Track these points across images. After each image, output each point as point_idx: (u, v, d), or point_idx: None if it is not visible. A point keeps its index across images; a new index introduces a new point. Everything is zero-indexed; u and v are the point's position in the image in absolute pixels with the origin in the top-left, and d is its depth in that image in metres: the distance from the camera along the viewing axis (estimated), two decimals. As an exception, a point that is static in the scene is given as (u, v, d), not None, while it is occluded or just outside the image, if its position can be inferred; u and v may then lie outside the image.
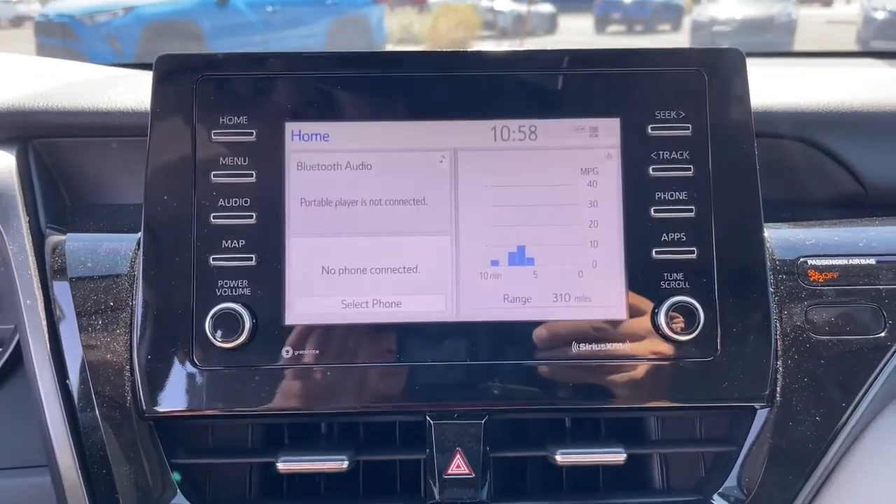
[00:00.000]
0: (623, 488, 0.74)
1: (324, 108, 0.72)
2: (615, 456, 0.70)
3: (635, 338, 0.70)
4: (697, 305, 0.69)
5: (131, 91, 0.83)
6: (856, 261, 0.75)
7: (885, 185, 0.83)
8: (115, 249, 0.74)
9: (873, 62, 1.14)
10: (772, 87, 0.87)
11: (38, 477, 0.73)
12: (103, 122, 0.81)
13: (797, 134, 0.82)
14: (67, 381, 0.71)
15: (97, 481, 0.70)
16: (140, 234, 0.72)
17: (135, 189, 0.79)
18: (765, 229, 0.74)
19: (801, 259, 0.75)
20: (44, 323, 0.72)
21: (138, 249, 0.73)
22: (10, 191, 0.76)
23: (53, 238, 0.76)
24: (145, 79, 0.75)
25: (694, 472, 0.75)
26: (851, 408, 0.72)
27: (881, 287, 0.74)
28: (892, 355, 0.72)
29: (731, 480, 0.71)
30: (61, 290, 0.73)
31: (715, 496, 0.70)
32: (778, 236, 0.76)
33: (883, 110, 0.85)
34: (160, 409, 0.69)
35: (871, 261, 0.75)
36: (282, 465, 0.69)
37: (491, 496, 0.71)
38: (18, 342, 0.78)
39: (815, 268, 0.74)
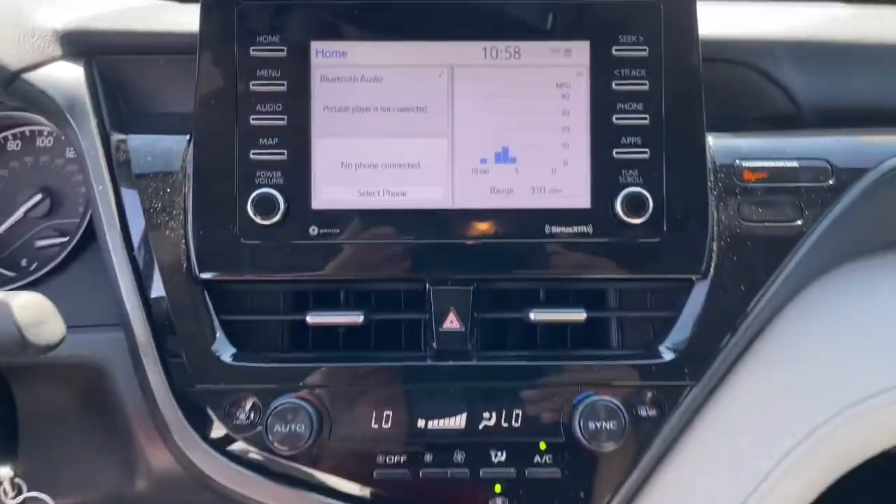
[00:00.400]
0: (586, 346, 0.91)
1: (343, 29, 0.87)
2: (577, 315, 0.87)
3: (597, 222, 0.87)
4: (648, 195, 0.85)
5: (181, 16, 0.97)
6: (782, 163, 0.90)
7: (815, 104, 0.98)
8: (169, 147, 0.89)
9: (833, 4, 1.25)
10: (723, 19, 1.01)
11: (113, 333, 0.89)
12: (157, 41, 0.95)
13: (741, 59, 0.97)
14: (134, 253, 0.87)
15: (161, 335, 0.86)
16: (190, 135, 0.88)
17: (181, 99, 0.93)
18: (708, 137, 0.90)
19: (737, 161, 0.90)
20: (113, 205, 0.88)
21: (189, 147, 0.88)
22: (81, 96, 0.91)
23: (117, 137, 0.91)
24: (193, 7, 0.89)
25: (645, 335, 0.91)
26: (771, 281, 0.88)
27: (801, 185, 0.90)
28: (806, 238, 0.89)
29: (674, 337, 0.88)
30: (126, 179, 0.88)
31: (660, 347, 0.87)
32: (719, 143, 0.91)
33: (818, 40, 1.00)
34: (210, 274, 0.85)
35: (794, 164, 0.90)
36: (310, 319, 0.86)
37: (477, 350, 0.88)
38: (90, 223, 0.94)
39: (749, 169, 0.90)
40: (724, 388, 0.90)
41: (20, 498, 0.80)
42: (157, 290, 0.86)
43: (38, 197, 1.02)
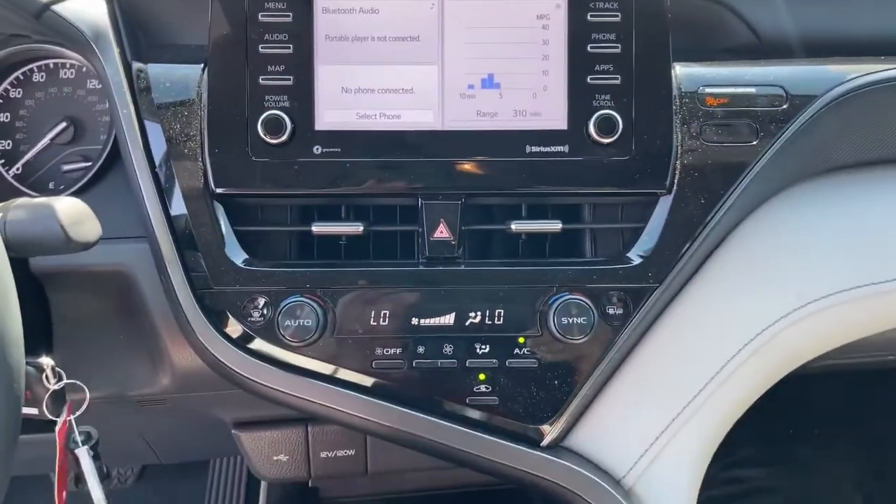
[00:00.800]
0: (563, 256, 1.02)
1: (342, -36, 0.95)
2: (554, 225, 0.97)
3: (573, 142, 0.96)
4: (618, 118, 0.95)
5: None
6: (741, 90, 1.00)
7: (774, 37, 1.07)
8: (186, 74, 0.98)
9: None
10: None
11: (139, 244, 0.99)
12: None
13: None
14: (157, 170, 0.96)
15: (182, 244, 0.96)
16: (205, 63, 0.96)
17: (195, 31, 1.02)
18: (675, 66, 0.99)
19: (701, 88, 0.99)
20: (136, 128, 0.97)
21: (203, 74, 0.97)
22: (105, 28, 0.99)
23: (137, 66, 1.00)
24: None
25: (615, 246, 1.02)
26: (728, 195, 0.98)
27: (757, 109, 0.99)
28: (761, 157, 0.98)
29: (640, 245, 0.98)
30: (147, 104, 0.97)
31: (628, 254, 0.98)
32: (684, 71, 1.00)
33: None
34: (225, 189, 0.95)
35: (752, 90, 1.00)
36: (315, 228, 0.96)
37: (465, 258, 0.98)
38: (112, 147, 1.04)
39: (711, 95, 0.99)
40: (687, 290, 1.01)
41: (61, 384, 0.91)
42: (178, 204, 0.96)
43: (63, 125, 1.11)
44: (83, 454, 0.91)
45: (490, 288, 0.97)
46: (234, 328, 0.95)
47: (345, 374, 0.96)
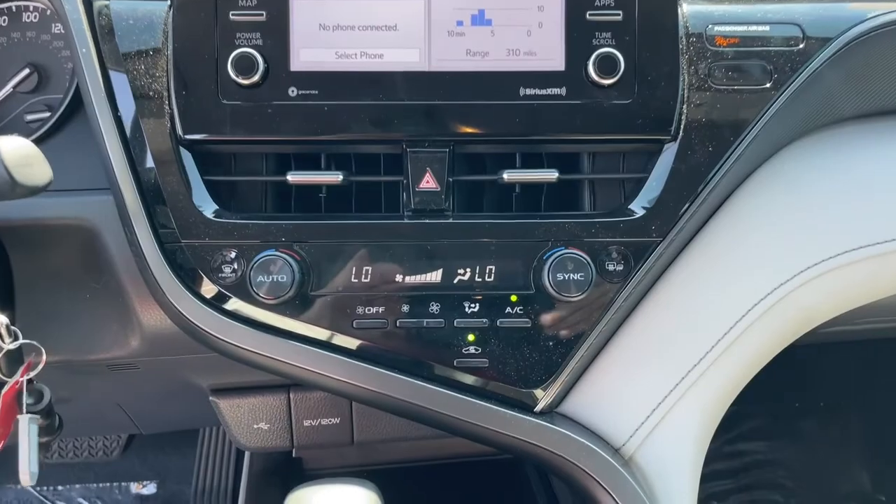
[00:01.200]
0: (559, 209, 0.94)
1: None
2: (549, 175, 0.90)
3: (570, 84, 0.89)
4: (620, 56, 0.87)
5: None
6: (754, 28, 0.92)
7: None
8: (150, 11, 0.90)
9: None
10: None
11: (103, 196, 0.92)
12: None
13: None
14: (120, 115, 0.89)
15: (148, 195, 0.89)
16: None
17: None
18: (682, 3, 0.91)
19: (710, 26, 0.92)
20: (98, 69, 0.89)
21: (169, 10, 0.89)
22: None
23: (99, 2, 0.92)
24: None
25: (616, 199, 0.94)
26: (738, 143, 0.91)
27: (771, 49, 0.91)
28: (774, 102, 0.91)
29: (643, 197, 0.91)
30: (109, 44, 0.90)
31: (629, 207, 0.91)
32: (692, 9, 0.92)
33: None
34: (194, 135, 0.88)
35: (766, 28, 0.92)
36: (291, 178, 0.89)
37: (453, 211, 0.91)
38: (76, 94, 0.96)
39: (721, 34, 0.92)
40: (692, 246, 0.94)
41: (16, 343, 0.85)
42: (142, 152, 0.88)
43: (26, 72, 1.04)
44: (23, 418, 0.85)
45: (480, 242, 0.90)
46: (205, 286, 0.89)
47: (324, 335, 0.89)
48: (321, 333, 0.89)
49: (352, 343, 0.89)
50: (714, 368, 0.92)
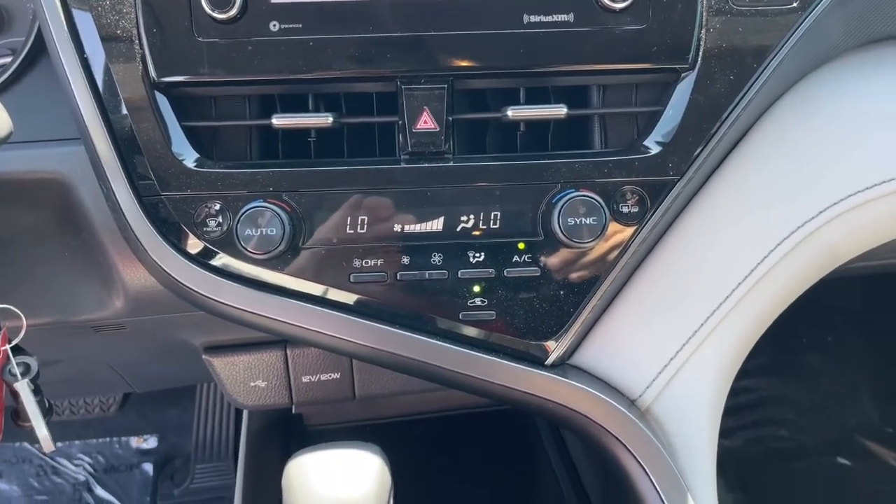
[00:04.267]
0: (568, 149, 0.88)
1: None
2: (557, 111, 0.83)
3: (578, 9, 0.81)
4: None
5: None
6: None
7: None
8: (115, -61, 0.81)
9: None
10: None
11: (76, 147, 0.85)
12: None
13: None
14: (87, 57, 0.81)
15: (124, 145, 0.82)
16: None
17: None
18: (700, -85, 0.82)
19: (732, -60, 0.83)
20: (59, 7, 0.81)
21: None
22: None
23: None
24: None
25: (629, 135, 0.88)
26: (761, 70, 0.83)
27: (798, -36, 0.83)
28: (801, 22, 0.83)
29: (658, 132, 0.84)
30: None
31: (644, 143, 0.84)
32: (712, -80, 0.84)
33: None
34: (169, 77, 0.80)
35: (793, -58, 0.83)
36: (276, 121, 0.82)
37: (454, 153, 0.84)
38: (39, 34, 0.88)
39: (743, -50, 0.83)
40: (711, 184, 0.87)
41: (-12, 308, 0.79)
42: (115, 97, 0.81)
43: (-14, 12, 0.96)
44: (23, 387, 0.80)
45: (484, 187, 0.83)
46: (189, 241, 0.82)
47: (319, 290, 0.83)
48: (316, 289, 0.83)
49: (350, 298, 0.84)
50: (735, 313, 0.87)
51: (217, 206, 0.81)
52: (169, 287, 0.84)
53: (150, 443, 2.08)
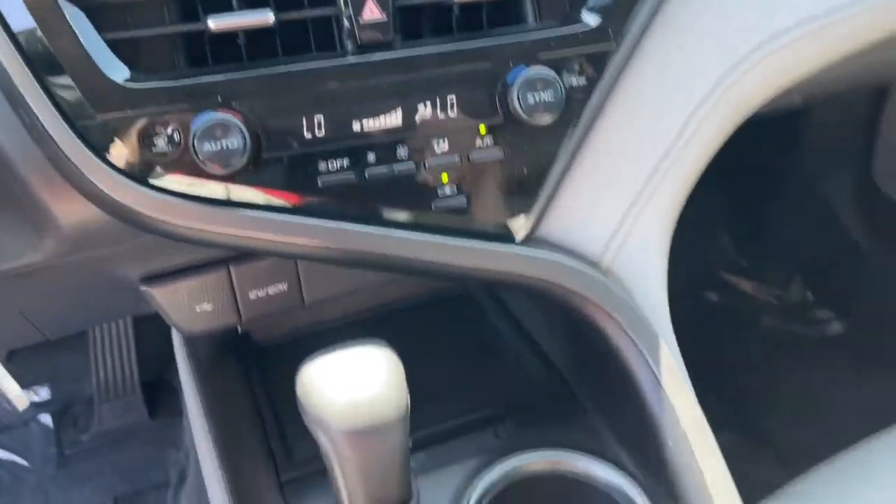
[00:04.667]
0: (502, 26, 0.88)
1: None
2: None
3: None
4: None
5: None
6: None
7: None
8: None
9: None
10: None
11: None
12: None
13: None
14: None
15: (39, 65, 0.71)
16: None
17: None
18: None
19: None
20: None
21: None
22: None
23: None
24: None
25: (562, 7, 0.89)
26: None
27: None
28: None
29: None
30: None
31: (581, 13, 0.85)
32: None
33: None
34: (77, -18, 0.71)
35: None
36: (213, 23, 0.75)
37: (399, 41, 0.82)
38: None
39: None
40: (642, 45, 0.91)
41: None
42: (18, 8, 0.71)
43: None
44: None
45: (438, 73, 0.82)
46: (140, 165, 0.75)
47: (289, 200, 0.80)
48: (286, 198, 0.80)
49: (320, 202, 0.81)
50: (673, 169, 0.94)
51: (165, 122, 0.75)
52: (123, 218, 0.77)
53: (42, 394, 1.95)
